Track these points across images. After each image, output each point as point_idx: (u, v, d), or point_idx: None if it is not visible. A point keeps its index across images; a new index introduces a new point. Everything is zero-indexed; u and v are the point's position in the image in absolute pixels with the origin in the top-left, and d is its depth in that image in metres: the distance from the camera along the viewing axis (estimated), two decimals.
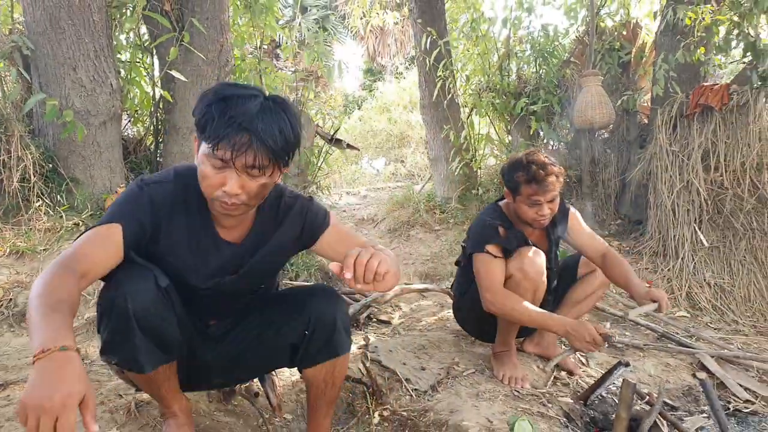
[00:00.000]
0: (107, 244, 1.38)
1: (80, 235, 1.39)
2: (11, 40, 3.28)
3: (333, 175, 11.41)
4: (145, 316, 1.41)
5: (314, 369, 1.69)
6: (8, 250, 3.03)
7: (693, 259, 4.14)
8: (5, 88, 3.47)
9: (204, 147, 1.35)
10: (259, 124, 1.31)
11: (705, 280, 4.06)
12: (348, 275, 1.22)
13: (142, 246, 1.48)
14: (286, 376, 2.42)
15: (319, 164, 4.35)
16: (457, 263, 2.85)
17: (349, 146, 4.73)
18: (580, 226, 2.68)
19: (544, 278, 2.48)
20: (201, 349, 1.71)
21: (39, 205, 3.23)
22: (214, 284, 1.60)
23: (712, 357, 2.96)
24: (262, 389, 2.19)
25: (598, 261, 2.62)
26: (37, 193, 3.25)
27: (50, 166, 3.38)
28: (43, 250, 3.07)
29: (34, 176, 3.19)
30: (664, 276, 4.10)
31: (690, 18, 4.43)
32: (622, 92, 5.04)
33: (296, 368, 1.77)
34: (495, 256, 2.43)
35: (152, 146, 4.20)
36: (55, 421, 0.94)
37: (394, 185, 7.59)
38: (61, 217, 3.25)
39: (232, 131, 1.30)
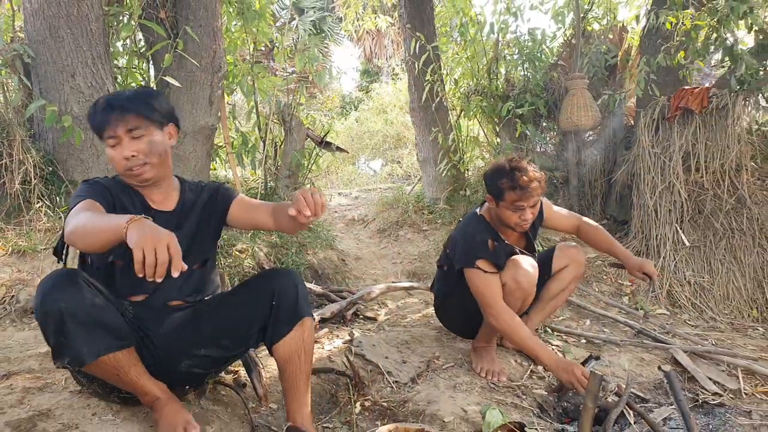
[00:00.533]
0: (97, 210, 1.69)
1: (66, 215, 1.73)
2: (13, 48, 3.41)
3: (329, 176, 11.54)
4: (76, 311, 1.57)
5: (286, 340, 1.85)
6: (10, 250, 3.16)
7: (674, 258, 4.27)
8: (7, 95, 3.60)
9: (103, 141, 1.76)
10: (121, 100, 1.74)
11: (685, 278, 4.19)
12: (308, 212, 1.56)
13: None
14: (273, 368, 2.54)
15: (309, 166, 4.47)
16: (438, 265, 2.93)
17: (338, 149, 4.85)
18: (552, 212, 2.81)
19: (535, 289, 2.60)
20: (160, 329, 1.88)
21: (39, 207, 3.35)
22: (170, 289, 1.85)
23: (685, 352, 3.09)
24: (249, 380, 2.31)
25: (575, 235, 2.83)
26: (38, 194, 3.38)
27: (50, 169, 3.51)
28: (44, 249, 3.20)
29: (35, 179, 3.31)
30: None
31: (670, 23, 4.56)
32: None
33: (270, 353, 1.91)
34: (486, 272, 2.51)
35: None
36: (165, 247, 1.32)
37: (385, 186, 7.72)
38: (60, 217, 3.38)
39: (104, 114, 1.72)
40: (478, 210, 2.73)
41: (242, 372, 2.39)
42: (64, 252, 1.94)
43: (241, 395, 2.26)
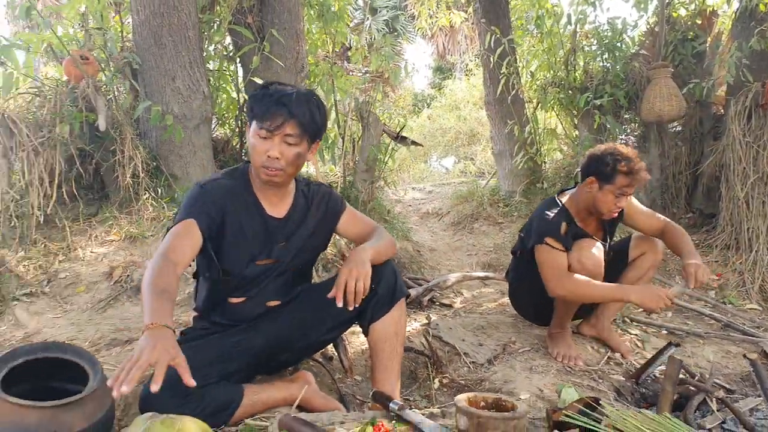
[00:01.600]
0: (190, 237, 1.75)
1: (167, 231, 1.79)
2: (123, 56, 3.80)
3: (401, 174, 11.68)
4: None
5: (384, 320, 1.97)
6: (123, 236, 3.54)
7: None
8: (118, 98, 4.00)
9: (253, 126, 1.78)
10: (293, 102, 1.75)
11: None
12: (339, 304, 1.75)
13: (214, 233, 1.84)
14: (356, 344, 2.71)
15: (385, 160, 4.64)
16: (512, 252, 3.01)
17: (413, 143, 4.98)
18: (636, 209, 2.77)
19: (602, 270, 2.61)
20: (260, 328, 1.99)
21: (146, 198, 3.72)
22: (273, 253, 1.94)
23: None
24: (335, 354, 2.49)
25: (659, 237, 2.76)
26: (144, 187, 3.74)
27: (154, 164, 3.88)
28: (151, 235, 3.55)
29: (142, 173, 3.67)
30: (735, 269, 4.07)
31: (765, 4, 4.35)
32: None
33: (364, 333, 2.04)
34: (554, 248, 2.56)
35: (237, 146, 4.66)
36: (155, 358, 1.32)
37: (459, 181, 7.77)
38: (164, 208, 3.74)
39: (272, 106, 1.74)
40: (556, 196, 2.78)
41: (329, 347, 2.58)
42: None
43: (328, 368, 2.44)
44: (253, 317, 2.01)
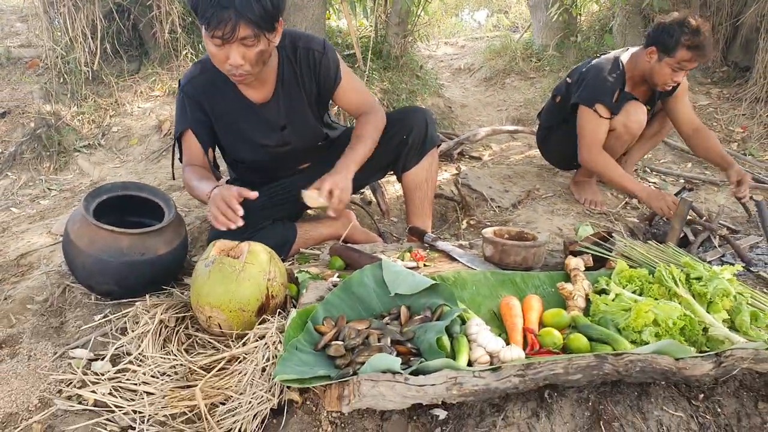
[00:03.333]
0: (195, 145, 1.92)
1: (174, 146, 2.02)
2: None
3: (431, 29, 11.24)
4: None
5: (416, 169, 2.14)
6: (167, 91, 3.72)
7: None
8: None
9: (203, 31, 1.60)
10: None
11: None
12: (331, 213, 1.76)
13: (211, 130, 1.94)
14: (392, 191, 2.97)
15: (418, 13, 4.56)
16: (553, 95, 3.02)
17: None
18: (684, 95, 2.79)
19: (641, 131, 2.74)
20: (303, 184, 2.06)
21: (186, 54, 3.83)
22: (277, 140, 2.00)
23: None
24: (374, 198, 2.76)
25: (689, 134, 2.78)
26: (182, 43, 3.84)
27: (190, 19, 3.92)
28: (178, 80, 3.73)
29: (180, 28, 3.75)
30: (761, 122, 4.11)
31: None
32: None
33: (398, 179, 2.24)
34: (601, 116, 2.64)
35: None
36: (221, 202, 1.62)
37: (492, 35, 7.55)
38: None
39: (216, 10, 1.51)
40: (621, 55, 2.75)
41: (367, 192, 2.84)
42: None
43: (368, 210, 2.72)
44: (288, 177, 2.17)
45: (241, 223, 1.62)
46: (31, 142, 3.43)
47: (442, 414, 1.29)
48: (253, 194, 1.67)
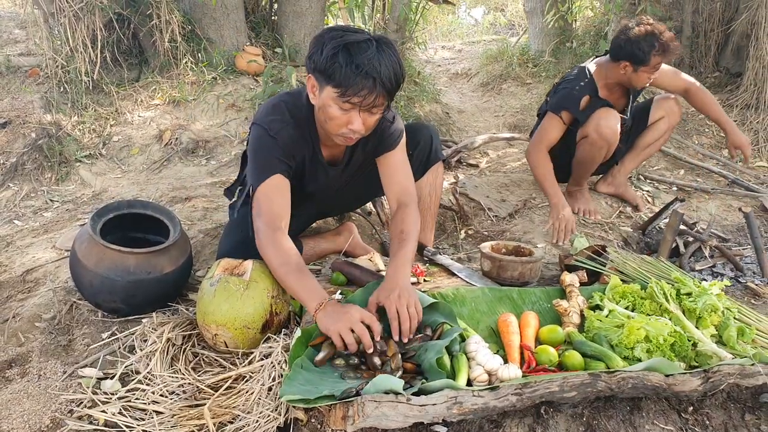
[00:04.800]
0: (282, 193, 1.72)
1: (253, 192, 1.72)
2: None
3: (427, 26, 11.25)
4: None
5: (421, 182, 2.16)
6: (167, 100, 3.76)
7: None
8: None
9: (331, 91, 1.56)
10: (382, 69, 1.52)
11: None
12: (398, 338, 1.52)
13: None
14: None
15: (416, 20, 4.61)
16: (538, 114, 3.16)
17: (445, 1, 4.89)
18: (661, 71, 2.81)
19: (617, 138, 2.79)
20: (315, 205, 2.14)
21: (185, 62, 3.87)
22: (323, 199, 2.07)
23: None
24: (374, 209, 2.81)
25: (681, 94, 2.95)
26: (182, 51, 3.87)
27: (189, 28, 3.96)
28: (193, 99, 3.77)
29: (179, 37, 3.79)
30: (752, 128, 4.18)
31: None
32: None
33: None
34: (564, 122, 2.76)
35: (267, 6, 4.65)
36: (359, 325, 1.43)
37: (489, 38, 7.59)
38: (203, 72, 3.90)
39: (361, 79, 1.51)
40: (588, 64, 2.86)
41: (368, 204, 2.88)
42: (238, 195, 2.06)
43: (369, 220, 2.77)
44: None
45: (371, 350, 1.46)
46: (32, 152, 3.46)
47: (442, 430, 1.35)
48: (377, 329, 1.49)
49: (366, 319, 1.47)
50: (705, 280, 2.12)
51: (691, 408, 1.50)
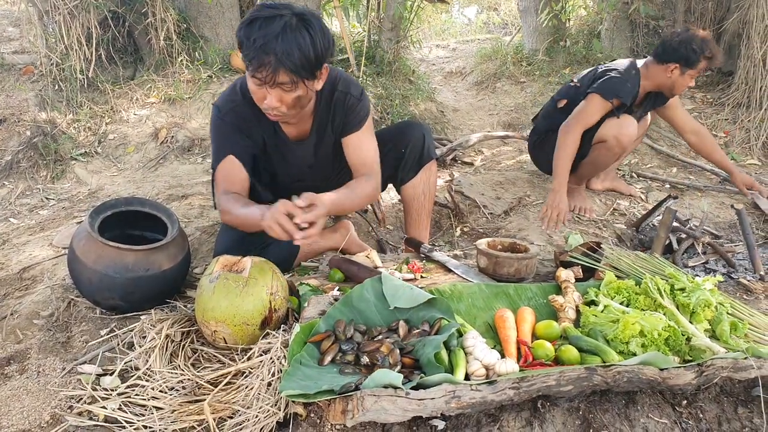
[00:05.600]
0: (237, 173, 1.85)
1: (213, 171, 1.89)
2: None
3: (421, 25, 11.26)
4: None
5: (413, 182, 2.19)
6: (162, 98, 3.75)
7: None
8: None
9: (247, 66, 1.61)
10: (278, 45, 1.52)
11: None
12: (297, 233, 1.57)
13: (252, 157, 1.90)
14: (387, 199, 3.04)
15: (411, 19, 4.62)
16: (554, 99, 3.08)
17: (439, 0, 4.91)
18: (678, 103, 3.02)
19: (632, 144, 2.91)
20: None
21: (181, 61, 3.87)
22: (301, 176, 2.07)
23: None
24: (370, 207, 2.82)
25: (691, 137, 3.06)
26: (178, 49, 3.87)
27: (185, 26, 3.96)
28: (188, 97, 3.77)
29: (175, 35, 3.78)
30: (743, 126, 4.21)
31: None
32: None
33: (397, 191, 2.30)
34: (611, 107, 2.75)
35: None
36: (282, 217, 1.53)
37: (483, 37, 7.62)
38: (199, 70, 3.90)
39: (257, 53, 1.54)
40: (640, 65, 2.86)
41: None
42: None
43: (365, 218, 2.79)
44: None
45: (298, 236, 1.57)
46: (27, 150, 3.45)
47: (440, 424, 1.36)
48: (300, 202, 1.59)
49: (288, 209, 1.55)
50: (698, 276, 2.14)
51: (685, 401, 1.52)
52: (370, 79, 4.24)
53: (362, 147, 1.95)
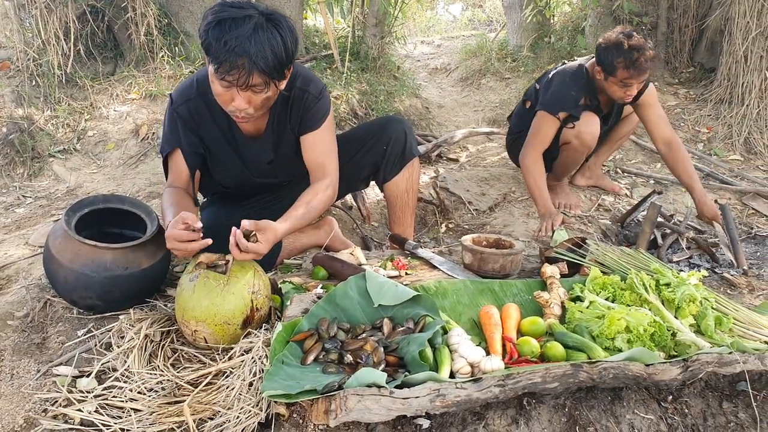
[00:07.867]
0: (180, 167, 1.86)
1: (163, 157, 1.91)
2: None
3: (406, 22, 11.23)
4: None
5: (396, 180, 2.18)
6: (143, 94, 3.68)
7: (758, 106, 4.21)
8: None
9: (210, 67, 1.55)
10: (252, 47, 1.47)
11: (766, 126, 4.17)
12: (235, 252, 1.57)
13: (200, 153, 1.88)
14: (372, 195, 3.01)
15: (395, 14, 4.59)
16: (523, 100, 3.07)
17: None
18: (653, 103, 2.79)
19: (596, 140, 2.79)
20: (288, 195, 2.06)
21: (162, 56, 3.80)
22: (263, 173, 2.01)
23: (749, 193, 3.28)
24: (354, 203, 2.79)
25: (661, 147, 2.77)
26: (158, 45, 3.80)
27: (166, 21, 3.89)
28: (170, 93, 3.69)
29: (155, 30, 3.71)
30: (725, 122, 4.25)
31: None
32: None
33: (380, 189, 2.28)
34: (559, 122, 2.68)
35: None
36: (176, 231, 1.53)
37: (468, 34, 7.61)
38: (180, 66, 3.83)
39: (229, 56, 1.47)
40: (586, 63, 2.80)
41: (348, 197, 2.87)
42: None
43: (350, 215, 2.76)
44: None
45: (195, 246, 1.55)
46: (4, 147, 3.37)
47: (425, 423, 1.34)
48: (197, 225, 1.56)
49: (184, 219, 1.53)
50: (682, 271, 2.14)
51: (671, 397, 1.52)
52: (354, 75, 4.20)
53: (319, 147, 1.90)
